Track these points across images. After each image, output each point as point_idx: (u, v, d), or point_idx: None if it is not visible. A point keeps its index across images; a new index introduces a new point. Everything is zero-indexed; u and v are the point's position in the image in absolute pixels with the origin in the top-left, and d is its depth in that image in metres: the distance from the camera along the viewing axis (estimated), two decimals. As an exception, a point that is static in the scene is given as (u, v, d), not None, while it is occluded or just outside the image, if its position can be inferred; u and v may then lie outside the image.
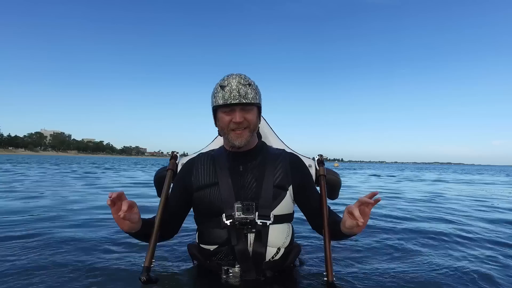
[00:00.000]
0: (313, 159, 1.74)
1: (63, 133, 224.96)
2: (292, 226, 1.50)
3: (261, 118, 1.86)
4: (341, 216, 1.37)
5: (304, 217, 1.56)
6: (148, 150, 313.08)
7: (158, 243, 1.38)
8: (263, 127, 1.95)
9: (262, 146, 1.53)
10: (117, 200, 1.17)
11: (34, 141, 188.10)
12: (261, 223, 1.34)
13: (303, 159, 1.66)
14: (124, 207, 1.15)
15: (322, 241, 1.45)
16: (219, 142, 1.83)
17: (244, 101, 1.33)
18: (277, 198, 1.39)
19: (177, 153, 1.75)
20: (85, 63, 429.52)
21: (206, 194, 1.39)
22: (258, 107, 1.43)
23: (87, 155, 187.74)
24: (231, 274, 1.38)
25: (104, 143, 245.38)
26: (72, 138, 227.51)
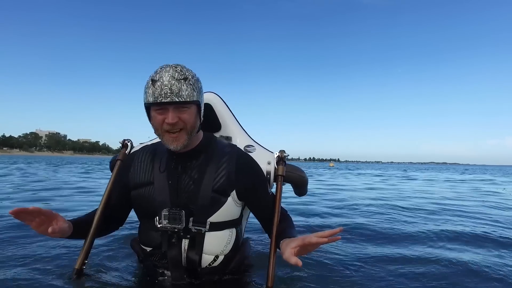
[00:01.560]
0: (274, 156, 1.57)
1: (59, 133, 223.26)
2: (237, 230, 1.35)
3: (223, 103, 1.72)
4: (292, 230, 1.29)
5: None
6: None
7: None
8: (223, 114, 1.76)
9: (209, 143, 1.34)
10: (28, 216, 1.05)
11: (29, 142, 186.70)
12: (195, 230, 1.24)
13: (261, 155, 1.56)
14: (53, 225, 1.10)
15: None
16: None
17: (177, 100, 1.13)
18: (215, 204, 1.25)
19: (128, 141, 1.61)
20: (80, 62, 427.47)
21: (141, 193, 1.28)
22: (197, 105, 1.22)
23: (82, 156, 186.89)
24: (165, 277, 1.32)
25: (100, 143, 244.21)
26: (67, 138, 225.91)
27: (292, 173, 1.59)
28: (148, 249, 1.33)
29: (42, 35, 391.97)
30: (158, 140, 1.42)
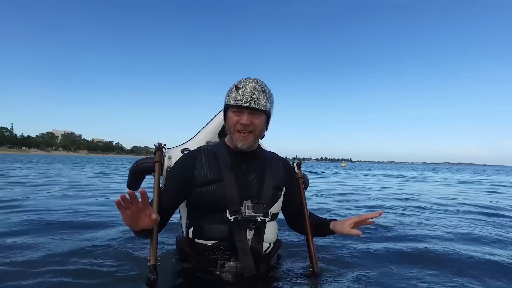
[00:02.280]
0: (293, 163, 1.82)
1: (74, 133, 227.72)
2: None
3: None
4: (321, 216, 1.65)
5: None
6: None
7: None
8: None
9: (260, 149, 1.58)
10: (134, 200, 1.11)
11: (46, 141, 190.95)
12: (261, 220, 1.43)
13: None
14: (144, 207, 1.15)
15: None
16: (203, 138, 1.94)
17: (254, 106, 1.37)
18: (275, 198, 1.50)
19: (164, 145, 1.70)
20: (94, 64, 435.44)
21: (210, 190, 1.41)
22: (268, 115, 1.46)
23: (97, 155, 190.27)
24: (226, 269, 1.42)
25: (114, 143, 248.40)
26: (82, 138, 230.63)
27: (305, 177, 1.88)
28: (211, 242, 1.43)
29: (58, 39, 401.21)
30: (193, 143, 1.83)
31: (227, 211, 1.40)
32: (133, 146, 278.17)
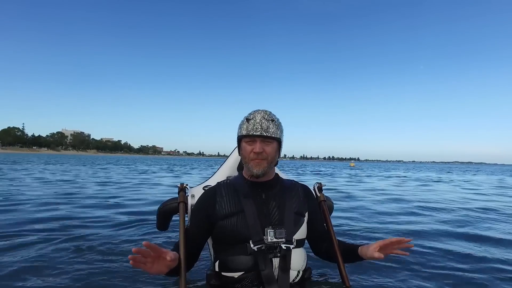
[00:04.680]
0: (314, 186, 1.83)
1: (83, 132, 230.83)
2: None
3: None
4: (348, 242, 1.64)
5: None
6: (164, 150, 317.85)
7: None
8: None
9: (278, 177, 1.61)
10: (145, 254, 1.16)
11: (56, 141, 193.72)
12: (285, 247, 1.41)
13: None
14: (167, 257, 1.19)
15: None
16: (223, 173, 2.02)
17: (265, 134, 1.44)
18: (298, 224, 1.49)
19: (187, 185, 1.77)
20: (103, 64, 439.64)
21: (232, 222, 1.43)
22: (279, 142, 1.51)
23: (105, 154, 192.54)
24: None
25: (122, 142, 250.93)
26: (91, 137, 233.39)
27: (327, 201, 1.86)
28: (237, 274, 1.41)
29: (67, 40, 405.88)
30: (215, 179, 1.89)
31: (250, 241, 1.40)
32: (141, 146, 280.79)
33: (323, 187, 1.83)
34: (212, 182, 1.88)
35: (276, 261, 1.40)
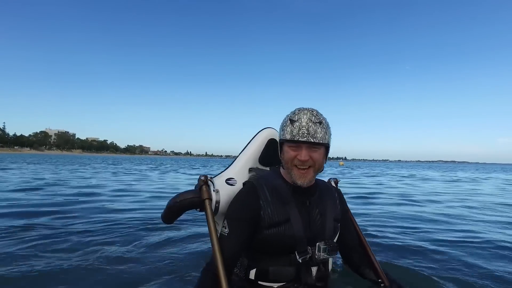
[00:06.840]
0: (329, 180, 1.74)
1: (68, 132, 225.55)
2: None
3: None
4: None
5: None
6: (151, 149, 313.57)
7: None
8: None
9: (317, 180, 1.49)
10: None
11: (39, 140, 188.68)
12: (325, 258, 1.36)
13: None
14: None
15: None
16: (243, 164, 1.71)
17: (312, 140, 1.27)
18: (336, 231, 1.44)
19: (211, 177, 1.50)
20: (88, 63, 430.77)
21: (279, 231, 1.32)
22: (326, 147, 1.36)
23: (91, 154, 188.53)
24: None
25: (108, 142, 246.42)
26: (76, 137, 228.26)
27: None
28: (277, 285, 1.35)
29: (50, 37, 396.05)
30: (232, 171, 1.64)
31: (296, 253, 1.33)
32: (127, 145, 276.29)
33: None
34: (233, 173, 1.65)
35: (314, 270, 1.37)
